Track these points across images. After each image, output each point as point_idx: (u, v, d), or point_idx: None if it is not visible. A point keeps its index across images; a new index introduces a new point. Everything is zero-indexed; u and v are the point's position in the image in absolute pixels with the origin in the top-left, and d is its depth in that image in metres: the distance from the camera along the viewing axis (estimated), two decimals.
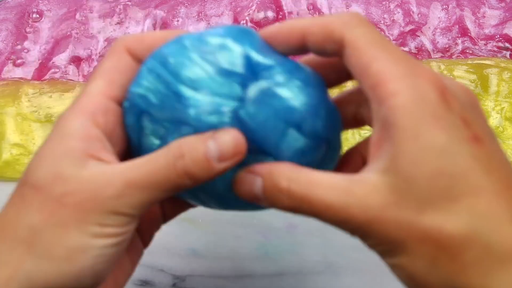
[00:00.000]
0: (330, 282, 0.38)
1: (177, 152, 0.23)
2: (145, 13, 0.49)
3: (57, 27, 0.48)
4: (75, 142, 0.24)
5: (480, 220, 0.20)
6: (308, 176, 0.22)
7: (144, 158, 0.24)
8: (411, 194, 0.20)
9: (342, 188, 0.21)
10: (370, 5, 0.48)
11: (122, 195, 0.23)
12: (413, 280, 0.21)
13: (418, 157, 0.20)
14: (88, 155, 0.24)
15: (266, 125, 0.24)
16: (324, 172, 0.22)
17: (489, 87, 0.44)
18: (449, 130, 0.20)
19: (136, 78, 0.26)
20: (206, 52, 0.24)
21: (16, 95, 0.44)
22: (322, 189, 0.21)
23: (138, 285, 0.38)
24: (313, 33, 0.23)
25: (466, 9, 0.48)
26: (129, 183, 0.23)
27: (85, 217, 0.23)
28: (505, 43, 0.46)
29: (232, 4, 0.49)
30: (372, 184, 0.21)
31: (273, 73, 0.24)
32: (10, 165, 0.42)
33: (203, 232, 0.40)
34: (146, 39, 0.26)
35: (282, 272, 0.38)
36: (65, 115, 0.25)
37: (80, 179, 0.23)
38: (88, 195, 0.23)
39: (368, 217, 0.21)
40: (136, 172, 0.23)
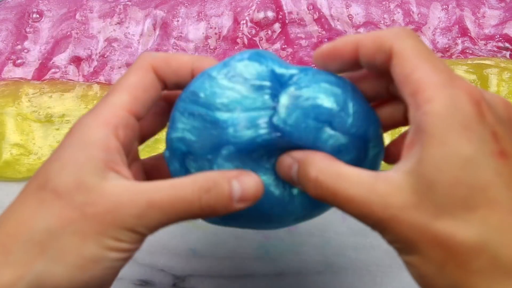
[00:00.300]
0: (330, 282, 0.38)
1: (205, 186, 0.24)
2: (145, 13, 0.49)
3: (57, 27, 0.48)
4: (97, 152, 0.24)
5: (491, 232, 0.21)
6: (337, 169, 0.23)
7: (168, 182, 0.25)
8: (430, 198, 0.21)
9: (366, 184, 0.22)
10: (370, 5, 0.48)
11: (143, 216, 0.24)
12: (423, 280, 0.22)
13: (441, 163, 0.21)
14: (108, 166, 0.24)
15: (299, 125, 0.25)
16: (355, 168, 0.24)
17: (489, 87, 0.44)
18: (476, 142, 0.21)
19: (171, 125, 0.27)
20: (233, 75, 0.26)
21: (16, 95, 0.44)
22: (348, 183, 0.23)
23: (138, 285, 0.38)
24: (365, 45, 0.25)
25: (466, 9, 0.48)
26: (152, 204, 0.24)
27: (104, 229, 0.23)
28: (505, 43, 0.46)
29: (232, 4, 0.49)
30: (395, 183, 0.22)
31: (297, 79, 0.26)
32: (10, 165, 0.42)
33: (203, 232, 0.40)
34: (173, 63, 0.27)
35: (282, 272, 0.38)
36: (87, 122, 0.25)
37: (102, 191, 0.24)
38: (110, 209, 0.23)
39: (387, 215, 0.22)
40: (160, 195, 0.24)
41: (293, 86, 0.26)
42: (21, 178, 0.42)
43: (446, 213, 0.21)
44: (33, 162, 0.42)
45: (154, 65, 0.27)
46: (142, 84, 0.27)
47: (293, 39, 0.47)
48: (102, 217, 0.23)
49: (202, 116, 0.26)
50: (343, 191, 0.23)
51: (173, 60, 0.27)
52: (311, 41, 0.47)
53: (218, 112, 0.25)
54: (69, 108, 0.44)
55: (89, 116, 0.26)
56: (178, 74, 0.27)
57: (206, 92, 0.26)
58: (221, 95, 0.26)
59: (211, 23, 0.48)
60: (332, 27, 0.48)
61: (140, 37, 0.48)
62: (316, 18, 0.48)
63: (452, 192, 0.21)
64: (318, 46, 0.47)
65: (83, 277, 0.24)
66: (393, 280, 0.38)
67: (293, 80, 0.26)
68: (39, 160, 0.42)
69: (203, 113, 0.26)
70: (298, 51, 0.47)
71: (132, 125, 0.26)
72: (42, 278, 0.23)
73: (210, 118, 0.26)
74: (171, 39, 0.48)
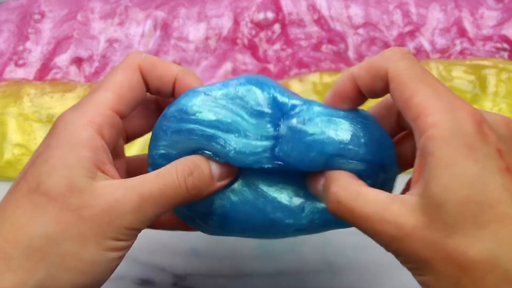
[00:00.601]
0: (330, 282, 0.38)
1: (186, 169, 0.25)
2: (146, 14, 0.49)
3: (59, 28, 0.49)
4: (85, 152, 0.24)
5: (502, 247, 0.21)
6: (357, 188, 0.24)
7: (153, 174, 0.25)
8: (441, 217, 0.21)
9: (382, 204, 0.23)
10: (369, 6, 0.49)
11: (139, 210, 0.24)
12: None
13: (449, 184, 0.21)
14: (96, 166, 0.24)
15: (303, 159, 0.26)
16: (374, 190, 0.24)
17: (487, 87, 0.44)
18: (482, 160, 0.21)
19: (153, 142, 0.27)
20: (233, 97, 0.26)
21: (18, 95, 0.45)
22: (365, 201, 0.23)
23: (139, 284, 0.38)
24: (362, 77, 0.25)
25: (464, 10, 0.48)
26: (144, 197, 0.24)
27: (103, 230, 0.24)
28: (503, 43, 0.46)
29: (232, 5, 0.49)
30: (408, 205, 0.22)
31: (300, 111, 0.26)
32: (12, 165, 0.42)
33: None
34: (159, 68, 0.28)
35: (282, 271, 0.38)
36: (72, 121, 0.25)
37: (94, 192, 0.24)
38: (106, 209, 0.24)
39: (400, 234, 0.22)
40: (150, 187, 0.24)
41: (296, 118, 0.26)
42: None
43: (458, 231, 0.21)
44: None
45: (141, 66, 0.27)
46: (128, 83, 0.27)
47: (293, 40, 0.47)
48: (99, 219, 0.23)
49: (192, 131, 0.26)
50: (360, 208, 0.23)
51: (160, 65, 0.28)
52: (310, 42, 0.47)
53: (213, 130, 0.26)
54: None
55: (73, 113, 0.26)
56: (161, 80, 0.28)
57: (200, 109, 0.26)
58: (219, 113, 0.26)
59: (211, 24, 0.48)
60: (331, 27, 0.48)
61: (140, 37, 0.48)
62: (315, 19, 0.48)
63: (462, 210, 0.21)
64: (318, 46, 0.47)
65: (84, 281, 0.24)
66: (392, 280, 0.38)
67: (295, 111, 0.26)
68: None
69: (194, 128, 0.26)
70: (298, 51, 0.47)
71: (116, 124, 0.26)
72: (43, 285, 0.23)
73: (202, 133, 0.26)
74: (172, 40, 0.48)
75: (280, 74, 0.46)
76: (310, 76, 0.45)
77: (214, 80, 0.46)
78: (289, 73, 0.46)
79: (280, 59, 0.47)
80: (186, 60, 0.47)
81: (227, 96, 0.26)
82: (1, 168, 0.42)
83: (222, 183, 0.27)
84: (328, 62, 0.46)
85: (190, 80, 0.28)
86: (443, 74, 0.44)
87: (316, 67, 0.46)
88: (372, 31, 0.47)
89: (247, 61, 0.47)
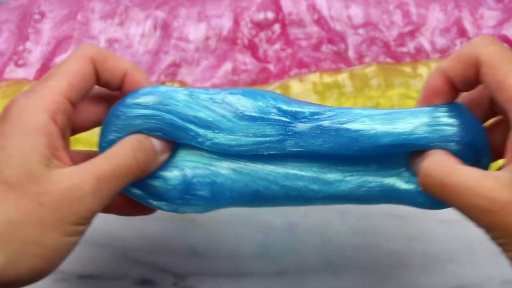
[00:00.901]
0: (330, 282, 0.38)
1: (134, 146, 0.27)
2: (146, 14, 0.49)
3: (59, 28, 0.49)
4: (40, 138, 0.25)
5: None
6: (450, 164, 0.25)
7: (103, 156, 0.26)
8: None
9: (475, 179, 0.23)
10: (369, 6, 0.49)
11: (97, 191, 0.25)
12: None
13: None
14: (51, 152, 0.25)
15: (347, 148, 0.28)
16: (466, 166, 0.25)
17: None
18: None
19: (102, 131, 0.29)
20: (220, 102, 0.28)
21: None
22: (458, 176, 0.24)
23: (139, 284, 0.38)
24: (453, 69, 0.26)
25: (464, 10, 0.48)
26: (100, 177, 0.25)
27: (63, 216, 0.24)
28: (503, 43, 0.46)
29: (233, 5, 0.49)
30: (502, 181, 0.23)
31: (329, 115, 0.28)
32: None
33: (203, 231, 0.40)
34: (110, 61, 0.29)
35: (282, 271, 0.38)
36: (26, 107, 0.26)
37: (52, 179, 0.24)
38: (65, 194, 0.24)
39: (493, 208, 0.23)
40: (103, 167, 0.25)
41: (327, 120, 0.28)
42: None
43: None
44: None
45: (93, 58, 0.28)
46: (81, 73, 0.28)
47: (293, 40, 0.47)
48: (59, 204, 0.24)
49: (154, 117, 0.28)
50: (452, 183, 0.24)
51: (111, 58, 0.29)
52: (310, 42, 0.47)
53: (186, 123, 0.28)
54: None
55: (26, 98, 0.26)
56: (111, 73, 0.29)
57: (178, 103, 0.28)
58: (198, 111, 0.28)
59: (211, 24, 0.48)
60: (331, 27, 0.48)
61: (141, 37, 0.48)
62: (315, 19, 0.48)
63: None
64: (318, 46, 0.47)
65: (44, 267, 0.24)
66: (392, 280, 0.38)
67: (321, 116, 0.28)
68: None
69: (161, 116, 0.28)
70: (298, 51, 0.47)
71: (68, 111, 0.27)
72: (4, 269, 0.24)
73: (170, 121, 0.28)
74: (172, 40, 0.48)
75: (280, 74, 0.46)
76: (310, 76, 0.45)
77: (214, 80, 0.46)
78: (289, 73, 0.46)
79: (280, 59, 0.47)
80: (186, 60, 0.47)
81: (212, 99, 0.28)
82: None
83: (163, 157, 0.29)
84: (328, 62, 0.46)
85: (139, 77, 0.29)
86: None
87: (316, 67, 0.46)
88: (372, 31, 0.47)
89: (247, 61, 0.47)
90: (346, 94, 0.45)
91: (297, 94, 0.45)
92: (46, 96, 0.26)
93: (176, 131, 0.28)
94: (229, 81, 0.46)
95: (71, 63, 0.28)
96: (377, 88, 0.45)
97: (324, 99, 0.44)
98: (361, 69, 0.46)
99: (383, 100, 0.44)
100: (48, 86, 0.27)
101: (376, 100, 0.44)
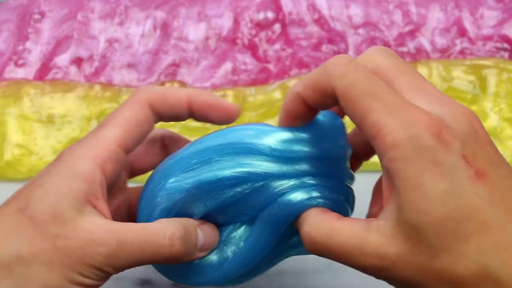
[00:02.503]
0: (330, 282, 0.38)
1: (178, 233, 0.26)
2: (146, 14, 0.49)
3: (59, 28, 0.49)
4: (80, 184, 0.25)
5: (488, 257, 0.21)
6: (330, 224, 0.24)
7: (140, 225, 0.25)
8: (422, 241, 0.21)
9: (359, 237, 0.23)
10: (369, 6, 0.49)
11: (112, 256, 0.24)
12: None
13: (422, 206, 0.21)
14: (87, 199, 0.25)
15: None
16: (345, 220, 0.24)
17: (487, 88, 0.44)
18: (449, 174, 0.21)
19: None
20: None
21: (18, 95, 0.45)
22: (341, 238, 0.23)
23: (138, 285, 0.38)
24: (308, 96, 0.24)
25: (464, 10, 0.48)
26: (122, 245, 0.24)
27: (72, 264, 0.24)
28: (504, 43, 0.46)
29: (232, 5, 0.49)
30: (386, 233, 0.22)
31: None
32: (12, 165, 0.42)
33: None
34: (170, 98, 0.28)
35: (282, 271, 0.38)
36: (77, 153, 0.26)
37: (76, 226, 0.24)
38: (81, 245, 0.24)
39: (385, 264, 0.22)
40: (131, 236, 0.25)
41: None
42: (23, 178, 0.42)
43: (441, 251, 0.21)
44: (34, 162, 0.42)
45: (151, 100, 0.28)
46: (136, 119, 0.27)
47: (293, 40, 0.47)
48: (72, 252, 0.24)
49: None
50: (336, 245, 0.23)
51: (170, 95, 0.28)
52: (311, 42, 0.47)
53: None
54: (70, 108, 0.44)
55: (80, 146, 0.26)
56: (175, 109, 0.28)
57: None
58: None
59: (211, 24, 0.48)
60: (331, 27, 0.48)
61: (140, 37, 0.48)
62: (316, 18, 0.48)
63: (441, 230, 0.21)
64: (318, 46, 0.47)
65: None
66: None
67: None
68: (40, 160, 0.42)
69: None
70: (298, 51, 0.47)
71: (121, 159, 0.27)
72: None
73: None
74: (172, 40, 0.48)
75: (280, 74, 0.46)
76: None
77: (214, 80, 0.46)
78: (289, 73, 0.46)
79: (280, 59, 0.47)
80: (186, 60, 0.47)
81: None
82: (1, 168, 0.42)
83: (201, 254, 0.27)
84: None
85: (205, 99, 0.28)
86: (443, 75, 0.44)
87: (316, 67, 0.46)
88: (372, 31, 0.47)
89: (247, 61, 0.47)
90: None
91: None
92: (98, 144, 0.26)
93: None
94: (229, 81, 0.46)
95: (126, 110, 0.27)
96: None
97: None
98: None
99: None
100: (102, 134, 0.27)
101: None
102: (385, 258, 0.22)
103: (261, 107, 0.44)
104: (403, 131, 0.21)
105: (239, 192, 0.26)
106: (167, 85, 0.46)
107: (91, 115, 0.44)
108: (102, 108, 0.44)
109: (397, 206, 0.22)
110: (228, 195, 0.26)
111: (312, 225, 0.24)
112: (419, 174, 0.21)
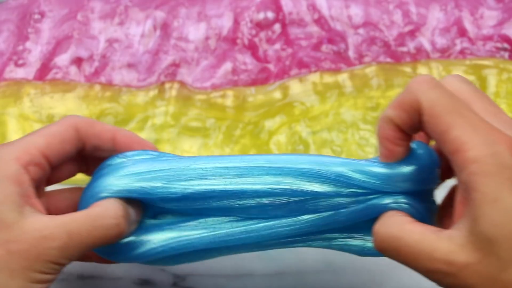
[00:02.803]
0: (330, 282, 0.38)
1: (120, 212, 0.27)
2: (146, 14, 0.49)
3: (59, 28, 0.49)
4: (12, 187, 0.26)
5: None
6: (401, 226, 0.24)
7: (83, 212, 0.26)
8: (493, 253, 0.22)
9: (429, 242, 0.23)
10: (369, 6, 0.49)
11: (66, 247, 0.25)
12: None
13: (498, 220, 0.22)
14: (23, 200, 0.26)
15: None
16: (418, 224, 0.24)
17: (487, 88, 0.44)
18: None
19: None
20: None
21: (18, 95, 0.45)
22: (411, 240, 0.24)
23: (138, 284, 0.38)
24: (398, 116, 0.25)
25: (464, 10, 0.48)
26: (72, 235, 0.25)
27: (30, 264, 0.25)
28: (504, 43, 0.46)
29: (232, 5, 0.49)
30: (457, 242, 0.23)
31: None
32: None
33: None
34: (96, 126, 0.29)
35: (282, 271, 0.38)
36: (0, 156, 0.27)
37: (22, 227, 0.25)
38: (34, 244, 0.25)
39: (452, 270, 0.22)
40: (78, 225, 0.26)
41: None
42: None
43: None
44: None
45: (78, 124, 0.29)
46: (60, 136, 0.28)
47: (293, 40, 0.47)
48: (27, 253, 0.25)
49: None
50: (405, 247, 0.24)
51: (97, 124, 0.29)
52: (311, 42, 0.47)
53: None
54: (70, 108, 0.44)
55: (1, 149, 0.27)
56: (99, 137, 0.29)
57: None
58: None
59: (211, 24, 0.48)
60: (331, 27, 0.48)
61: (140, 37, 0.48)
62: (316, 18, 0.48)
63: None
64: (318, 46, 0.47)
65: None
66: (392, 280, 0.38)
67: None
68: None
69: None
70: (298, 51, 0.47)
71: (42, 165, 0.27)
72: None
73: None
74: (172, 40, 0.48)
75: (280, 74, 0.46)
76: (310, 76, 0.45)
77: (213, 80, 0.46)
78: (289, 73, 0.46)
79: (280, 59, 0.47)
80: (186, 60, 0.47)
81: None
82: None
83: (134, 226, 0.29)
84: (328, 62, 0.46)
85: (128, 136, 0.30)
86: (443, 75, 0.44)
87: (316, 67, 0.46)
88: (372, 31, 0.47)
89: (247, 61, 0.47)
90: (346, 94, 0.45)
91: (297, 94, 0.45)
92: (21, 148, 0.27)
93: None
94: (229, 81, 0.46)
95: (52, 126, 0.29)
96: (377, 88, 0.45)
97: (324, 99, 0.44)
98: (361, 69, 0.46)
99: (383, 100, 0.44)
100: (24, 140, 0.28)
101: (376, 100, 0.44)
102: (453, 265, 0.22)
103: (261, 107, 0.44)
104: (486, 147, 0.22)
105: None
106: (167, 85, 0.46)
107: (91, 115, 0.44)
108: (102, 108, 0.44)
109: (472, 218, 0.22)
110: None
111: (384, 224, 0.25)
112: (498, 189, 0.22)
